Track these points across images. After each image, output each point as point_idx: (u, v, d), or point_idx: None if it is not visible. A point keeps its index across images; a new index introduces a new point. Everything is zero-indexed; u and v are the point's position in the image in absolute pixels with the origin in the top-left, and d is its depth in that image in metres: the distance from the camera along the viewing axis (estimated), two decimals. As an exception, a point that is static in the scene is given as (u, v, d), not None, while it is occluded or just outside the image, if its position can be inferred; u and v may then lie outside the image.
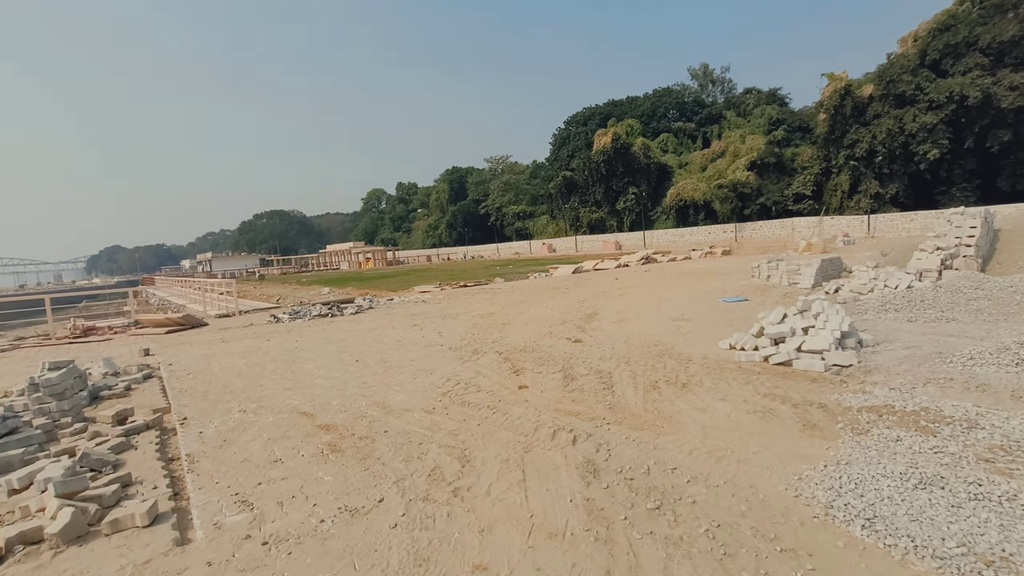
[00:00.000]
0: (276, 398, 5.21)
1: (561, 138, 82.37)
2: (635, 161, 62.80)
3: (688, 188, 56.56)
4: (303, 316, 11.97)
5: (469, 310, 11.34)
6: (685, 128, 73.33)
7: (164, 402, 5.38)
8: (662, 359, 5.68)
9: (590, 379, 5.06)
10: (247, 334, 10.07)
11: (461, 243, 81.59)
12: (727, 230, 51.06)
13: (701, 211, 55.89)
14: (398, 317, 11.04)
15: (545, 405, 4.36)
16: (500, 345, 7.18)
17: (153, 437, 4.24)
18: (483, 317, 10.09)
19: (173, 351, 8.66)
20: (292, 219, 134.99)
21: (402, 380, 5.57)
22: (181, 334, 10.84)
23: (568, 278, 19.64)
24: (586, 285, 15.60)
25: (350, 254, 66.44)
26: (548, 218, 78.16)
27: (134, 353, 8.60)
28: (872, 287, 7.91)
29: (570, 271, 22.91)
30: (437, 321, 9.99)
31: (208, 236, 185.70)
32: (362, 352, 7.33)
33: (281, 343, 8.65)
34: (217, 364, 7.21)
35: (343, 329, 9.80)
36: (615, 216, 65.15)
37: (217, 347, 8.74)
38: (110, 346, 9.91)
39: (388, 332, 9.05)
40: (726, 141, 60.88)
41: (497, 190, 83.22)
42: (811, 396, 4.07)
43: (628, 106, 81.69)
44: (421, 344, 7.66)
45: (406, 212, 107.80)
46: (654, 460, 3.12)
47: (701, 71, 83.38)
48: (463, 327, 9.03)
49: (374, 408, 4.63)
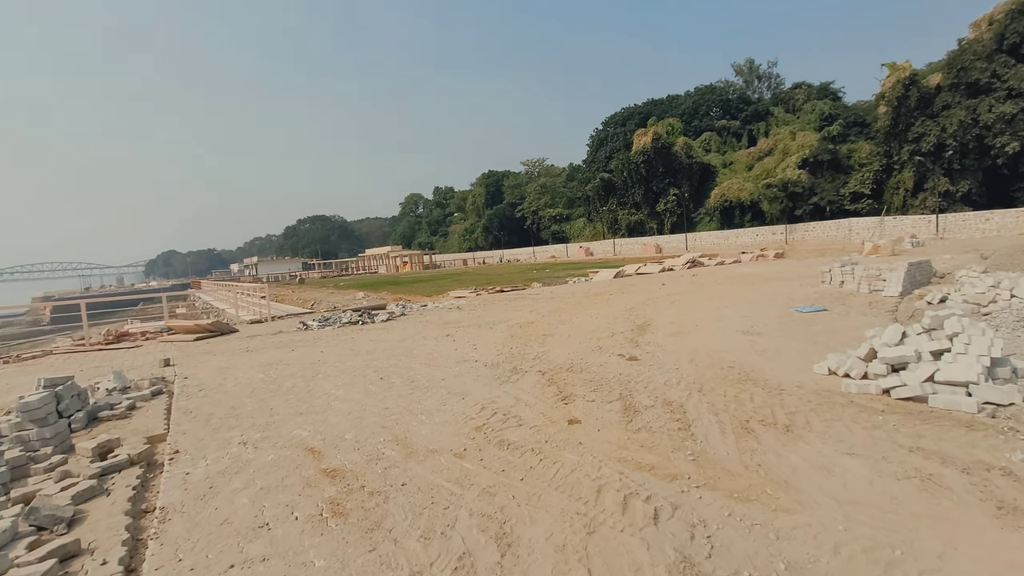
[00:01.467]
0: (284, 426, 4.47)
1: (598, 139, 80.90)
2: (676, 161, 60.71)
3: (733, 188, 54.14)
4: (332, 323, 11.41)
5: (506, 319, 10.47)
6: (729, 126, 70.60)
7: (163, 427, 4.74)
8: (744, 386, 4.62)
9: (658, 413, 4.06)
10: (273, 343, 9.53)
11: (497, 247, 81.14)
12: (776, 232, 48.49)
13: (747, 212, 53.35)
14: (430, 326, 10.29)
15: (605, 450, 3.41)
16: (542, 362, 6.26)
17: (133, 478, 3.54)
18: (521, 327, 9.19)
19: (193, 361, 8.16)
20: (333, 224, 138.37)
21: (429, 406, 4.73)
22: (209, 341, 10.44)
23: (610, 283, 18.51)
24: (631, 291, 14.47)
25: (387, 258, 67.07)
26: (585, 221, 76.72)
27: (155, 363, 8.16)
28: (993, 297, 6.54)
29: (611, 275, 21.75)
30: (472, 331, 9.16)
31: (255, 240, 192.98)
32: (388, 367, 6.56)
33: (305, 354, 8.01)
34: (233, 379, 6.60)
35: (371, 339, 9.11)
36: (655, 218, 63.17)
37: (239, 358, 8.19)
38: (137, 354, 9.57)
39: (419, 343, 8.28)
40: (774, 138, 58.02)
41: (533, 193, 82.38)
42: (979, 453, 2.96)
43: (668, 105, 79.48)
44: (453, 359, 6.83)
45: (443, 216, 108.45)
46: (783, 560, 2.13)
47: (746, 67, 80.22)
48: (500, 338, 8.16)
49: (393, 446, 3.80)
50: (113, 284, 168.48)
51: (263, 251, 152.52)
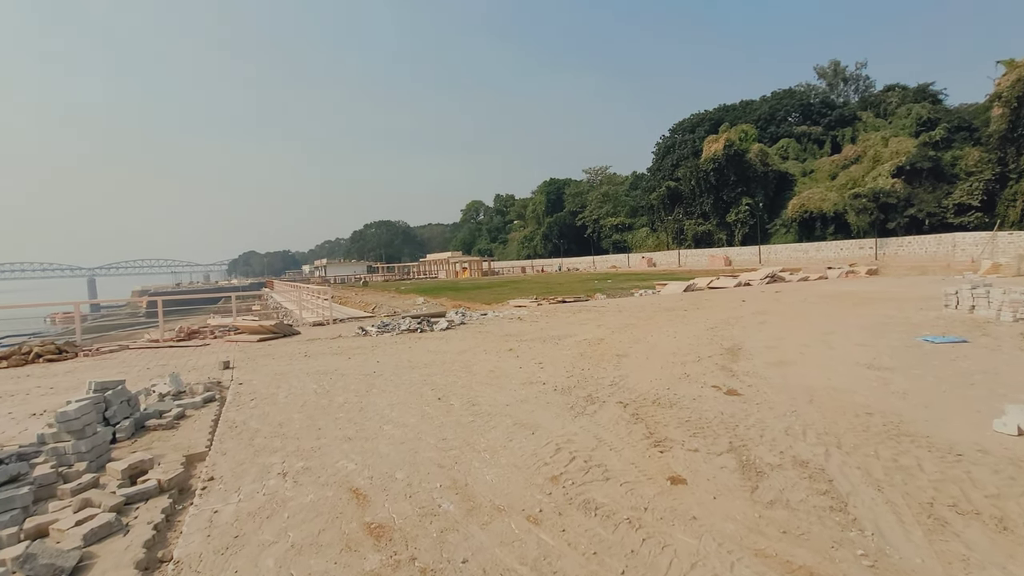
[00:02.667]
0: (330, 453, 3.91)
1: (665, 146, 78.32)
2: (750, 169, 57.36)
3: (815, 198, 50.30)
4: (391, 330, 11.06)
5: (572, 333, 9.64)
6: (810, 132, 66.07)
7: (206, 442, 4.33)
8: (899, 445, 3.55)
9: (790, 478, 3.12)
10: (331, 348, 9.25)
11: (556, 255, 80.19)
12: (864, 246, 44.47)
13: (830, 224, 49.35)
14: (491, 337, 9.65)
15: (732, 533, 2.54)
16: (621, 390, 5.40)
17: (159, 512, 3.07)
18: (591, 344, 8.34)
19: (252, 365, 7.96)
20: (397, 229, 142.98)
21: (493, 441, 4.02)
22: (271, 343, 10.37)
23: (680, 297, 17.18)
24: (707, 307, 13.19)
25: (447, 263, 67.95)
26: (648, 230, 74.30)
27: (215, 365, 8.04)
28: None
29: (680, 289, 20.33)
30: (536, 346, 8.41)
31: (325, 244, 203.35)
32: (446, 386, 5.94)
33: (361, 364, 7.59)
34: (287, 388, 6.23)
35: (429, 350, 8.58)
36: (724, 229, 59.97)
37: (296, 363, 7.91)
38: (202, 353, 9.60)
39: (479, 358, 7.64)
40: (863, 144, 53.53)
41: (595, 201, 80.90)
42: None
43: (742, 111, 75.70)
44: (518, 379, 6.11)
45: (503, 223, 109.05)
46: None
47: (830, 69, 75.02)
48: (568, 356, 7.35)
49: (451, 495, 3.11)
50: (200, 281, 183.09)
51: (332, 253, 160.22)
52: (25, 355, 9.29)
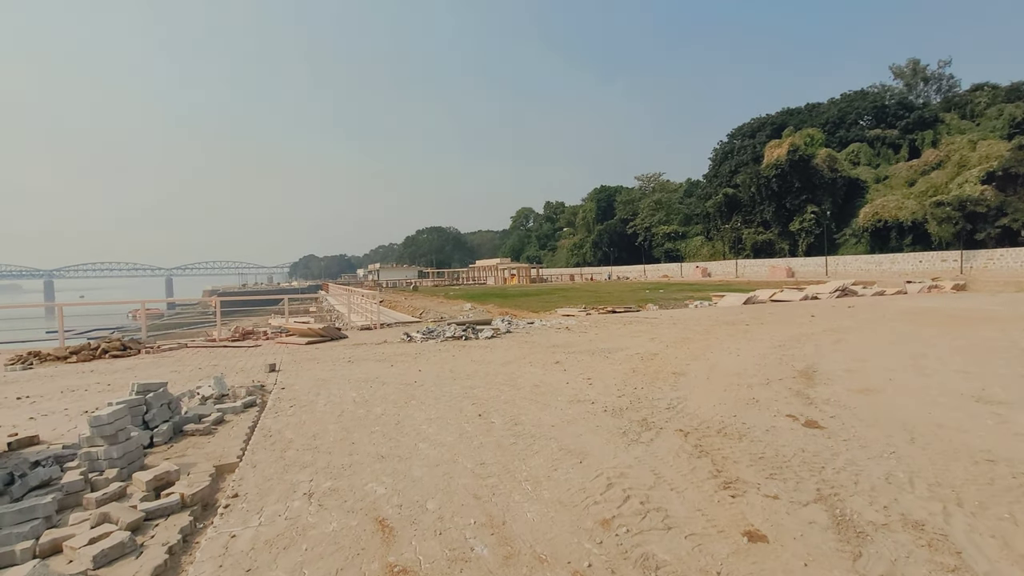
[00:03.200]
0: (360, 473, 3.63)
1: (723, 153, 75.54)
2: (817, 175, 54.15)
3: (890, 206, 46.74)
4: (436, 337, 10.88)
5: (623, 346, 9.08)
6: (884, 136, 61.74)
7: (239, 451, 4.18)
8: (1041, 507, 2.85)
9: (903, 544, 2.52)
10: (375, 354, 9.14)
11: (606, 263, 78.75)
12: (947, 258, 40.80)
13: (908, 234, 45.66)
14: (537, 348, 9.25)
15: (833, 618, 2.01)
16: (680, 415, 4.85)
17: (177, 531, 2.87)
18: (644, 359, 7.76)
19: (296, 368, 7.94)
20: (448, 235, 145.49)
21: (536, 470, 3.61)
22: (318, 347, 10.43)
23: (741, 310, 16.10)
24: (771, 322, 12.21)
25: (496, 270, 68.13)
26: (703, 239, 71.65)
27: (263, 367, 8.08)
28: None
29: (739, 301, 19.14)
30: (584, 359, 7.93)
31: (379, 248, 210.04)
32: (488, 400, 5.58)
33: (402, 372, 7.38)
34: (326, 395, 6.08)
35: (473, 359, 8.28)
36: (787, 238, 56.84)
37: (339, 369, 7.81)
38: (252, 354, 9.76)
39: (524, 370, 7.25)
40: (947, 148, 49.38)
41: (647, 209, 78.92)
42: None
43: (807, 114, 71.93)
44: (565, 396, 5.67)
45: (552, 231, 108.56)
46: None
47: (908, 68, 69.99)
48: (619, 373, 6.83)
49: (486, 535, 2.73)
50: (264, 282, 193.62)
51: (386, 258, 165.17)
52: (93, 351, 9.76)
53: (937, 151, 52.62)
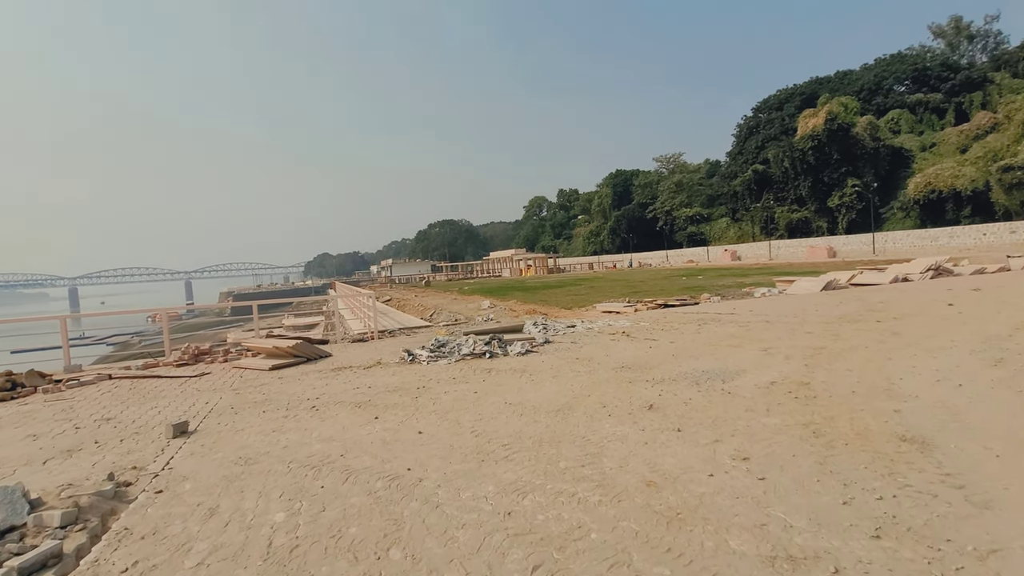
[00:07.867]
0: None
1: (748, 128, 71.13)
2: (857, 145, 49.77)
3: (945, 174, 42.39)
4: (449, 355, 7.79)
5: (735, 367, 5.87)
6: (927, 101, 56.90)
7: None
8: None
9: None
10: (356, 390, 6.09)
11: (624, 250, 74.97)
12: (1017, 229, 36.49)
13: (966, 204, 41.33)
14: (601, 372, 6.10)
15: None
16: None
17: None
18: (799, 397, 4.56)
19: (220, 427, 4.87)
20: (460, 228, 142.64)
21: None
22: (281, 376, 7.42)
23: (833, 299, 12.69)
24: (906, 316, 8.90)
25: (511, 261, 64.95)
26: (728, 220, 67.53)
27: (186, 412, 5.04)
28: None
29: (816, 287, 15.76)
30: (690, 395, 4.74)
31: (392, 244, 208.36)
32: (561, 537, 2.45)
33: (391, 439, 4.28)
34: (229, 512, 3.03)
35: (508, 401, 5.15)
36: (825, 215, 52.69)
37: (287, 429, 4.75)
38: (188, 390, 6.78)
39: (602, 427, 4.10)
40: (1006, 109, 44.58)
41: (667, 192, 74.86)
42: None
43: (839, 82, 67.12)
44: (727, 517, 2.52)
45: (567, 219, 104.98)
46: None
47: (951, 27, 64.52)
48: (781, 427, 3.64)
49: None
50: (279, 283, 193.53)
51: (398, 253, 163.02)
52: (-36, 392, 6.87)
53: (990, 113, 47.94)
